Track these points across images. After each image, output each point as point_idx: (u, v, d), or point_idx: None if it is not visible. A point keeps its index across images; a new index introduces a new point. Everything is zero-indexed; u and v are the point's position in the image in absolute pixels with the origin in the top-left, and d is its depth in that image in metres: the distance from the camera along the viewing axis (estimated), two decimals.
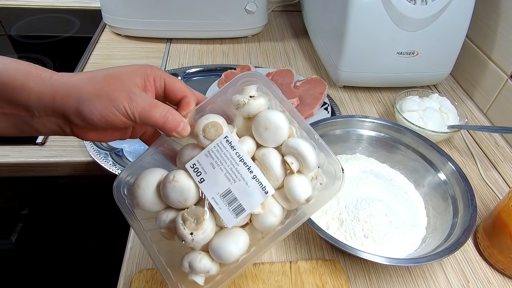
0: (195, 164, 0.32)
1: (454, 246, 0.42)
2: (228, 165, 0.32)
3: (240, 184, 0.31)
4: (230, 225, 0.31)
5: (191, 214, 0.31)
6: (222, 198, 0.31)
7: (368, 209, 0.49)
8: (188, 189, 0.32)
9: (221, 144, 0.32)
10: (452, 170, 0.52)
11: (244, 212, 0.31)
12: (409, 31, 0.67)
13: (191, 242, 0.31)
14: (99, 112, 0.30)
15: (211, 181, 0.31)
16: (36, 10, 0.99)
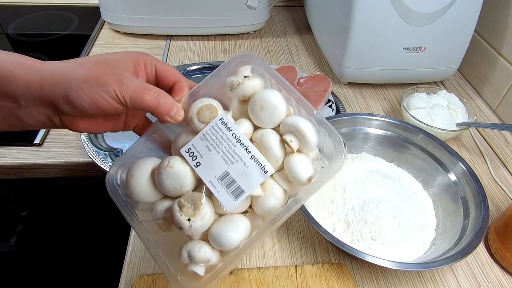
0: (190, 149, 0.30)
1: (466, 250, 0.40)
2: (225, 147, 0.30)
3: (238, 166, 0.30)
4: (229, 208, 0.29)
5: (188, 199, 0.29)
6: (220, 181, 0.30)
7: (376, 211, 0.48)
8: (183, 174, 0.30)
9: (216, 126, 0.31)
10: (463, 170, 0.50)
11: (244, 194, 0.29)
12: (416, 26, 0.65)
13: (188, 229, 0.29)
14: (89, 97, 0.28)
15: (207, 165, 0.30)
16: (33, 8, 0.97)
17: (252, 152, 0.30)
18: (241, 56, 0.33)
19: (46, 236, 0.77)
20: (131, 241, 0.47)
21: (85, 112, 0.29)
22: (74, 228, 0.76)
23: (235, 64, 0.33)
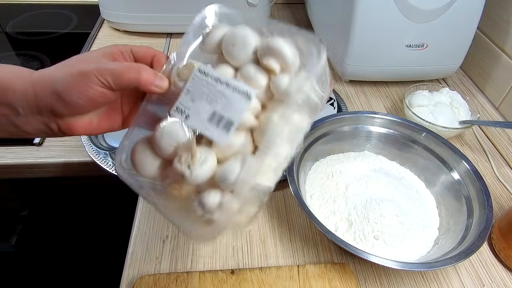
0: (178, 107, 0.31)
1: (470, 250, 0.40)
2: (207, 91, 0.31)
3: (223, 102, 0.30)
4: (223, 141, 0.29)
5: (184, 148, 0.30)
6: (210, 122, 0.30)
7: (378, 210, 0.47)
8: (176, 130, 0.30)
9: (196, 77, 0.31)
10: (466, 168, 0.50)
11: (233, 124, 0.29)
12: (418, 23, 0.65)
13: (190, 176, 0.29)
14: (76, 89, 0.29)
15: (195, 114, 0.31)
16: (32, 6, 0.96)
17: (232, 84, 0.30)
18: (202, 13, 0.34)
19: (46, 236, 0.77)
20: (132, 241, 0.47)
21: (77, 107, 0.30)
22: (75, 228, 0.75)
23: (201, 22, 0.34)
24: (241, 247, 0.47)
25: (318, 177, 0.53)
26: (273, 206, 0.52)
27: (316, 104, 0.32)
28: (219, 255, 0.46)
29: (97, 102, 0.31)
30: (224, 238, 0.48)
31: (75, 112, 0.31)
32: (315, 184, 0.52)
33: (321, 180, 0.53)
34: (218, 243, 0.47)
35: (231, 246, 0.47)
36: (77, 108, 0.30)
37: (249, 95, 0.30)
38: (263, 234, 0.48)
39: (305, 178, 0.53)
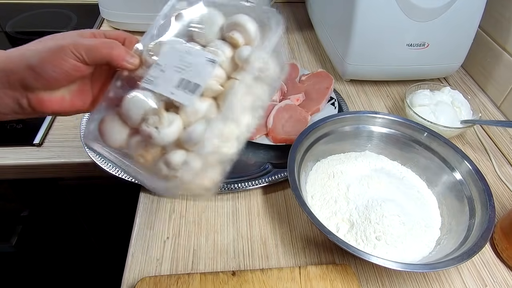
0: (148, 78, 0.33)
1: (473, 250, 0.40)
2: (176, 62, 0.33)
3: (190, 70, 0.33)
4: (190, 103, 0.31)
5: (151, 112, 0.32)
6: (178, 88, 0.32)
7: (380, 210, 0.47)
8: (144, 98, 0.32)
9: (165, 52, 0.34)
10: (468, 168, 0.49)
11: (200, 87, 0.32)
12: (420, 22, 0.64)
13: (158, 135, 0.31)
14: (51, 62, 0.31)
15: (164, 82, 0.33)
16: (32, 5, 0.96)
17: (200, 54, 0.33)
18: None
19: (47, 236, 0.77)
20: (133, 242, 0.47)
21: (50, 80, 0.31)
22: (75, 229, 0.75)
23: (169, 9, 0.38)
24: (242, 248, 0.47)
25: (319, 178, 0.53)
26: (274, 206, 0.52)
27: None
28: (220, 257, 0.45)
29: (71, 76, 0.32)
30: (225, 239, 0.47)
31: (48, 86, 0.32)
32: (316, 184, 0.52)
33: (322, 180, 0.53)
34: (219, 244, 0.47)
35: (232, 248, 0.47)
36: (51, 81, 0.31)
37: (215, 61, 0.33)
38: (264, 235, 0.48)
39: (306, 179, 0.53)
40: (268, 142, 0.58)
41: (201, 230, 0.48)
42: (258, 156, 0.59)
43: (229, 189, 0.52)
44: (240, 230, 0.49)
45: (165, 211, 0.50)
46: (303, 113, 0.62)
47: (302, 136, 0.52)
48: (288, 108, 0.62)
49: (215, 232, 0.48)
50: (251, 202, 0.52)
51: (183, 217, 0.50)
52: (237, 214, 0.51)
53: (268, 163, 0.57)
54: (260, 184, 0.53)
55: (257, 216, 0.51)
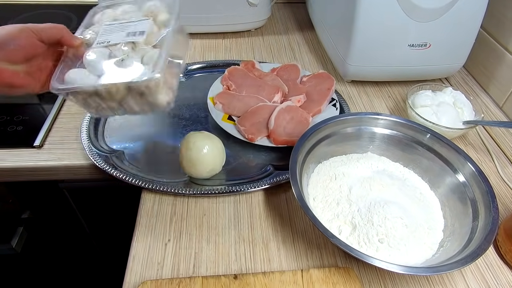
0: (99, 41, 0.43)
1: (476, 253, 0.40)
2: (119, 27, 0.44)
3: (133, 27, 0.45)
4: (142, 39, 0.44)
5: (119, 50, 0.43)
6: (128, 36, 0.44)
7: (382, 212, 0.47)
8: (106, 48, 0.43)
9: (107, 25, 0.45)
10: (471, 170, 0.49)
11: (145, 31, 0.44)
12: (421, 22, 0.64)
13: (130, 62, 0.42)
14: (12, 37, 0.38)
15: (115, 38, 0.43)
16: (32, 6, 0.96)
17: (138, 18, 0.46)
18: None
19: (47, 238, 0.77)
20: (134, 245, 0.47)
21: (11, 51, 0.38)
22: (76, 231, 0.75)
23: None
24: (243, 251, 0.46)
25: (321, 180, 0.53)
26: (276, 209, 0.52)
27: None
28: (222, 260, 0.45)
29: (28, 52, 0.39)
30: (227, 242, 0.47)
31: (8, 58, 0.38)
32: (318, 186, 0.52)
33: (324, 182, 0.52)
34: (221, 247, 0.47)
35: (234, 250, 0.46)
36: (11, 53, 0.38)
37: (148, 18, 0.46)
38: (266, 238, 0.48)
39: (308, 181, 0.52)
40: (269, 144, 0.58)
41: (202, 233, 0.48)
42: (259, 158, 0.59)
43: (231, 192, 0.52)
44: (241, 232, 0.48)
45: (166, 214, 0.50)
46: (305, 115, 0.62)
47: (304, 138, 0.52)
48: (289, 110, 0.62)
49: (216, 235, 0.48)
50: (253, 204, 0.52)
51: (184, 219, 0.50)
52: (239, 216, 0.50)
53: (269, 165, 0.57)
54: (261, 186, 0.53)
55: (259, 218, 0.50)
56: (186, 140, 0.51)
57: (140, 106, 0.45)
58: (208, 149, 0.51)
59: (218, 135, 0.54)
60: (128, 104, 0.45)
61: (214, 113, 0.62)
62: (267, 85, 0.67)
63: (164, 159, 0.57)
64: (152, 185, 0.52)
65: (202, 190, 0.52)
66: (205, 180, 0.54)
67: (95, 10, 0.50)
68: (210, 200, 0.52)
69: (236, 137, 0.59)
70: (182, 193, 0.52)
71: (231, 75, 0.69)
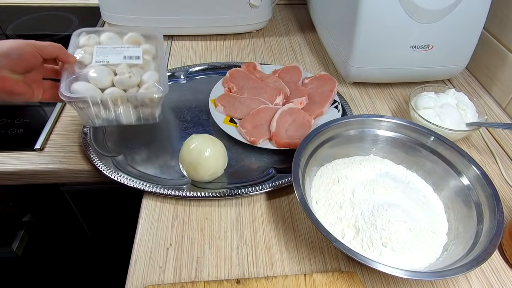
0: (97, 60, 0.54)
1: (482, 257, 0.39)
2: (112, 51, 0.55)
3: (126, 52, 0.56)
4: (140, 61, 0.56)
5: (124, 69, 0.54)
6: (125, 59, 0.55)
7: (386, 216, 0.46)
8: (107, 67, 0.53)
9: (98, 48, 0.55)
10: (475, 173, 0.49)
11: (140, 56, 0.56)
12: (424, 23, 0.64)
13: (132, 79, 0.53)
14: (17, 48, 0.45)
15: (112, 60, 0.54)
16: (33, 8, 0.96)
17: (126, 46, 0.57)
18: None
19: (48, 242, 0.76)
20: (135, 249, 0.46)
21: (15, 60, 0.44)
22: (78, 234, 0.75)
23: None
24: (246, 255, 0.46)
25: (323, 183, 0.52)
26: (278, 212, 0.51)
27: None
28: (224, 264, 0.45)
29: (29, 63, 0.46)
30: (229, 246, 0.47)
31: (12, 67, 0.44)
32: (320, 189, 0.51)
33: (327, 185, 0.52)
34: (223, 251, 0.46)
35: (236, 255, 0.46)
36: (15, 62, 0.44)
37: (139, 47, 0.57)
38: (268, 242, 0.48)
39: (311, 184, 0.52)
40: (271, 147, 0.58)
41: (204, 237, 0.48)
42: (261, 160, 0.58)
43: (232, 195, 0.52)
44: (244, 236, 0.48)
45: (168, 218, 0.50)
46: (307, 117, 0.61)
47: (307, 141, 0.52)
48: (291, 112, 0.61)
49: (218, 239, 0.48)
50: (255, 207, 0.52)
51: (186, 223, 0.49)
52: (241, 220, 0.50)
53: (271, 167, 0.56)
54: (264, 190, 0.52)
55: (261, 222, 0.50)
56: (188, 143, 0.51)
57: (136, 116, 0.55)
58: (210, 152, 0.50)
59: (220, 138, 0.54)
60: (126, 114, 0.54)
61: (215, 115, 0.62)
62: (269, 87, 0.66)
63: (165, 162, 0.57)
64: (154, 188, 0.51)
65: (203, 193, 0.51)
66: (207, 183, 0.53)
67: (79, 33, 0.58)
68: (212, 204, 0.52)
69: (238, 140, 0.58)
70: (183, 197, 0.51)
71: (233, 77, 0.68)
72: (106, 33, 0.58)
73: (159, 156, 0.57)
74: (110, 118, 0.54)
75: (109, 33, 0.58)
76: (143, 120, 0.56)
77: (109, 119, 0.54)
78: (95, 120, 0.54)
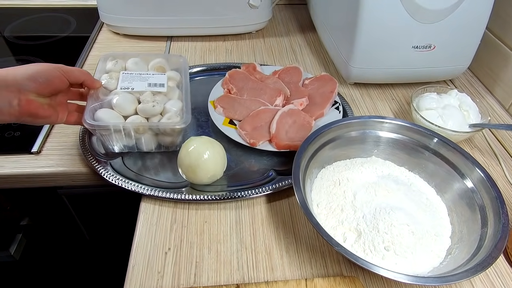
0: (122, 86, 0.54)
1: (487, 262, 0.38)
2: (137, 77, 0.56)
3: (151, 79, 0.56)
4: (164, 89, 0.55)
5: (148, 97, 0.54)
6: (150, 87, 0.55)
7: (388, 219, 0.46)
8: (131, 94, 0.54)
9: (124, 74, 0.56)
10: (479, 175, 0.48)
11: (165, 83, 0.56)
12: (426, 23, 0.63)
13: (156, 108, 0.52)
14: (43, 71, 0.44)
15: (137, 86, 0.54)
16: (30, 10, 0.95)
17: (151, 73, 0.58)
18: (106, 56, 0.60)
19: (47, 245, 0.76)
20: (133, 253, 0.45)
21: (41, 84, 0.44)
22: (76, 238, 0.74)
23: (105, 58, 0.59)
24: (246, 259, 0.45)
25: (325, 185, 0.52)
26: (279, 215, 0.50)
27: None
28: (224, 269, 0.44)
29: (56, 87, 0.46)
30: (229, 250, 0.46)
31: (38, 90, 0.44)
32: (321, 192, 0.51)
33: (328, 188, 0.51)
34: (222, 256, 0.45)
35: (236, 259, 0.45)
36: (41, 86, 0.44)
37: (164, 74, 0.58)
38: (268, 246, 0.47)
39: (311, 186, 0.51)
40: (271, 149, 0.57)
41: (203, 241, 0.47)
42: (261, 163, 0.57)
43: (232, 198, 0.51)
44: (243, 240, 0.47)
45: (166, 221, 0.49)
46: (307, 118, 0.61)
47: (307, 142, 0.51)
48: (291, 113, 0.61)
49: (218, 243, 0.47)
50: (255, 210, 0.51)
51: (185, 227, 0.48)
52: (241, 223, 0.49)
53: (271, 170, 0.56)
54: (264, 192, 0.52)
55: (261, 225, 0.49)
56: (186, 145, 0.50)
57: (157, 144, 0.55)
58: (209, 154, 0.49)
59: (219, 140, 0.53)
60: (147, 142, 0.54)
61: (214, 117, 0.61)
62: (269, 88, 0.65)
63: (164, 165, 0.56)
64: (152, 191, 0.51)
65: (203, 196, 0.51)
66: (206, 186, 0.53)
67: (106, 57, 0.59)
68: (211, 207, 0.51)
69: (237, 142, 0.58)
70: (182, 200, 0.50)
71: (232, 78, 0.68)
72: (133, 58, 0.59)
73: (158, 159, 0.57)
74: (130, 144, 0.54)
75: (135, 59, 0.59)
76: (164, 148, 0.56)
77: (130, 145, 0.54)
78: (115, 146, 0.54)
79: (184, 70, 0.60)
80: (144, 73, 0.56)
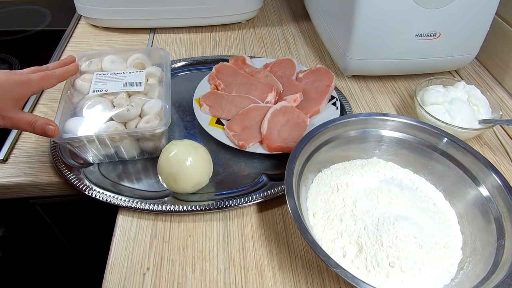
0: (94, 89, 0.49)
1: (507, 282, 0.33)
2: (111, 78, 0.51)
3: (127, 78, 0.51)
4: (141, 88, 0.50)
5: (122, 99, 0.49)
6: (125, 86, 0.50)
7: (393, 230, 0.41)
8: (103, 98, 0.49)
9: (98, 75, 0.51)
10: (493, 179, 0.43)
11: (142, 82, 0.51)
12: (430, 9, 0.57)
13: (132, 111, 0.48)
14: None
15: (111, 87, 0.49)
16: (3, 3, 0.88)
17: (128, 71, 0.52)
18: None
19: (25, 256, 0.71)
20: (108, 275, 0.40)
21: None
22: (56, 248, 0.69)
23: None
24: (234, 279, 0.40)
25: (321, 191, 0.47)
26: (271, 226, 0.45)
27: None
28: None
29: None
30: (215, 269, 0.41)
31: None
32: (318, 200, 0.46)
33: (325, 195, 0.46)
34: (208, 275, 0.40)
35: (223, 279, 0.40)
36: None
37: (143, 71, 0.52)
38: (259, 262, 0.42)
39: (307, 193, 0.46)
40: (262, 151, 0.52)
41: (186, 258, 0.42)
42: (251, 166, 0.52)
43: (219, 207, 0.46)
44: (232, 256, 0.42)
45: (146, 236, 0.44)
46: (302, 116, 0.55)
47: (302, 144, 0.46)
48: (284, 111, 0.55)
49: (203, 260, 0.42)
50: (245, 221, 0.46)
51: (166, 242, 0.43)
52: (229, 237, 0.44)
53: (263, 174, 0.51)
54: (254, 201, 0.47)
55: (251, 238, 0.44)
56: (166, 150, 0.45)
57: (139, 150, 0.50)
58: (191, 160, 0.44)
59: (206, 142, 0.48)
60: (127, 149, 0.49)
61: (200, 116, 0.56)
62: (260, 83, 0.60)
63: (146, 170, 0.51)
64: (130, 203, 0.45)
65: (186, 207, 0.45)
66: (190, 195, 0.48)
67: (79, 58, 0.53)
68: (196, 218, 0.46)
69: (225, 144, 0.52)
70: (163, 211, 0.45)
71: (219, 73, 0.62)
72: (109, 56, 0.53)
73: (140, 164, 0.51)
74: (109, 153, 0.49)
75: (112, 56, 0.53)
76: (147, 154, 0.51)
77: (109, 154, 0.49)
78: (93, 158, 0.49)
79: (165, 65, 0.54)
80: (120, 73, 0.51)
